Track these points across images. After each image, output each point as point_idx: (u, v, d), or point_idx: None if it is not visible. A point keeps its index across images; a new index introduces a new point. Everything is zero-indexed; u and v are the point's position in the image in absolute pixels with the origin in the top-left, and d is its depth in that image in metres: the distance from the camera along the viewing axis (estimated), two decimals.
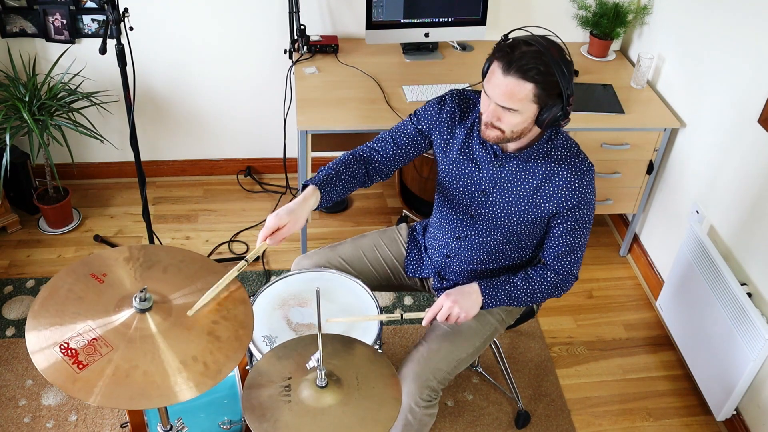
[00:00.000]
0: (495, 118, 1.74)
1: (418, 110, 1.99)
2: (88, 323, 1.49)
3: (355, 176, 1.92)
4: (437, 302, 1.88)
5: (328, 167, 1.89)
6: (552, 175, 1.83)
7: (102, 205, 3.39)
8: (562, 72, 1.65)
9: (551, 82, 1.65)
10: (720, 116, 2.64)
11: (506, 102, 1.69)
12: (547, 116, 1.70)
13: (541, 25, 3.30)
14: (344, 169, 1.90)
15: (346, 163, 1.92)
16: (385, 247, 2.24)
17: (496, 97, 1.70)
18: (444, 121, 1.94)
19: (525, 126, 1.73)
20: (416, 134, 1.97)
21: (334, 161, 1.92)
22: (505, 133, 1.75)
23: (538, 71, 1.64)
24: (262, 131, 3.49)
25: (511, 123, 1.73)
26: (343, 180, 1.89)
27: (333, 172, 1.87)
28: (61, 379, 1.39)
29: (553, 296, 1.95)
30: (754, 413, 2.43)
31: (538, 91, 1.66)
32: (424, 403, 1.90)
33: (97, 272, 1.61)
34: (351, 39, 3.23)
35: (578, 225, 1.86)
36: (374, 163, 1.96)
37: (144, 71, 3.20)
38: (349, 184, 1.90)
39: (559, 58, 1.66)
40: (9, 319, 2.77)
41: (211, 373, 1.45)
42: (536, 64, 1.64)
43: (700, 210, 2.73)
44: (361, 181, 1.95)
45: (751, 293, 2.40)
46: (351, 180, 1.91)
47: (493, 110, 1.73)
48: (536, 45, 1.66)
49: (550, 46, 1.67)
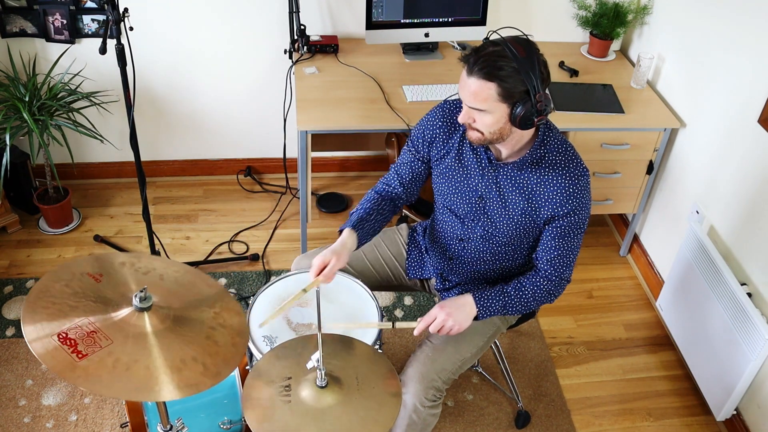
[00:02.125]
0: (470, 119, 1.76)
1: (412, 134, 2.02)
2: (86, 318, 1.49)
3: (386, 210, 2.04)
4: (430, 313, 1.89)
5: (357, 211, 2.01)
6: (546, 181, 1.83)
7: (102, 205, 3.39)
8: (526, 70, 1.66)
9: (514, 80, 1.66)
10: (720, 116, 2.64)
11: (473, 102, 1.71)
12: (518, 114, 1.70)
13: (541, 25, 3.31)
14: (373, 208, 2.01)
15: (371, 201, 2.03)
16: (386, 248, 2.24)
17: (465, 99, 1.74)
18: (439, 135, 1.95)
19: (500, 126, 1.74)
20: (415, 162, 2.02)
21: (361, 202, 2.04)
22: (485, 135, 1.77)
23: (499, 69, 1.65)
24: (262, 131, 3.49)
25: (485, 123, 1.74)
26: (374, 216, 2.01)
27: (364, 215, 1.99)
28: (59, 367, 1.39)
29: (546, 302, 1.97)
30: (754, 413, 2.43)
31: (501, 90, 1.67)
32: (428, 403, 1.91)
33: (93, 272, 1.61)
34: (351, 39, 3.23)
35: (572, 230, 1.86)
36: (392, 197, 2.07)
37: (144, 71, 3.20)
38: (381, 218, 2.02)
39: (525, 56, 1.66)
40: (9, 319, 2.77)
41: (210, 374, 1.46)
42: (497, 62, 1.65)
43: (700, 210, 2.73)
44: (391, 212, 2.07)
45: (751, 293, 2.40)
46: (382, 214, 2.03)
47: (466, 112, 1.76)
48: (501, 45, 1.67)
49: (517, 45, 1.67)
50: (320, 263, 1.82)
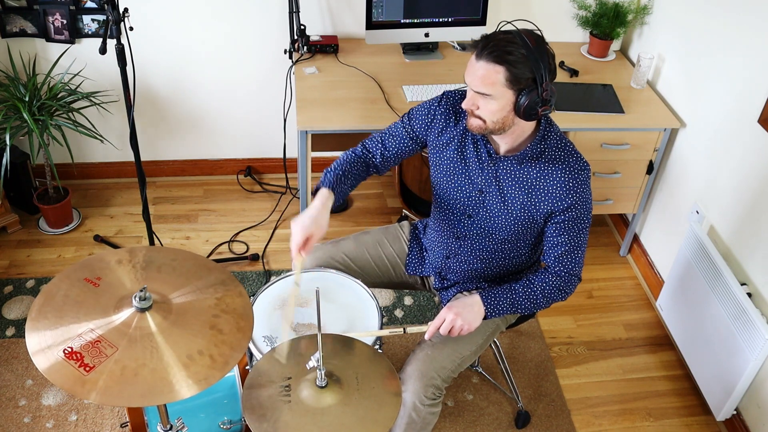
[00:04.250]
0: (474, 106, 1.77)
1: (412, 111, 2.02)
2: (88, 325, 1.49)
3: (359, 174, 2.02)
4: (440, 315, 1.89)
5: (335, 168, 1.97)
6: (546, 175, 1.83)
7: (102, 205, 3.39)
8: (535, 58, 1.67)
9: (523, 66, 1.67)
10: (720, 116, 2.64)
11: (480, 87, 1.72)
12: (523, 102, 1.70)
13: (541, 25, 3.30)
14: (349, 169, 1.99)
15: (350, 162, 2.01)
16: (388, 244, 2.24)
17: (471, 83, 1.74)
18: (438, 123, 1.95)
19: (504, 115, 1.74)
20: (405, 138, 2.02)
21: (339, 162, 2.01)
22: (487, 123, 1.77)
23: (509, 54, 1.66)
24: (262, 131, 3.49)
25: (489, 110, 1.74)
26: (350, 179, 1.99)
27: (341, 173, 1.96)
28: (69, 384, 1.39)
29: (558, 300, 1.94)
30: (754, 413, 2.43)
31: (509, 75, 1.68)
32: (428, 402, 1.91)
33: (91, 276, 1.61)
34: (351, 39, 3.23)
35: (576, 225, 1.86)
36: (369, 164, 2.06)
37: (144, 71, 3.20)
38: (354, 182, 2.01)
39: (534, 46, 1.68)
40: (9, 319, 2.77)
41: (218, 366, 1.46)
42: (507, 47, 1.67)
43: (700, 210, 2.73)
44: (362, 178, 2.05)
45: (751, 293, 2.40)
46: (356, 178, 2.01)
47: (471, 97, 1.77)
48: (512, 34, 1.69)
49: (528, 35, 1.69)
50: (302, 236, 1.77)
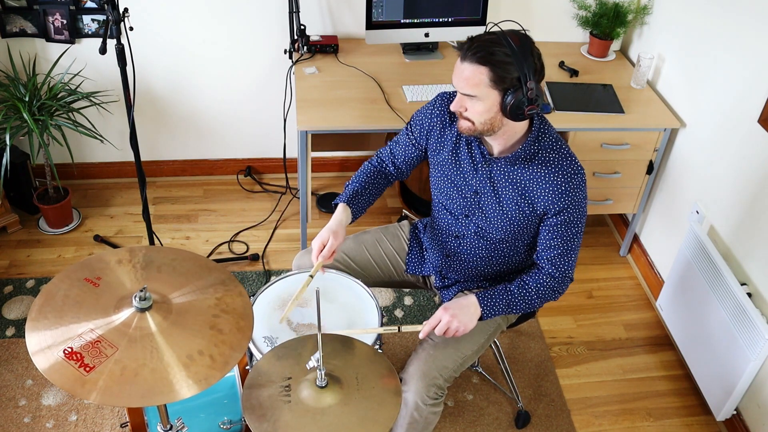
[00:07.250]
0: (462, 108, 1.78)
1: (413, 117, 2.04)
2: (88, 325, 1.49)
3: (379, 185, 2.09)
4: (435, 316, 1.89)
5: (352, 182, 2.05)
6: (539, 178, 1.83)
7: (102, 205, 3.39)
8: (519, 58, 1.67)
9: (508, 66, 1.68)
10: (720, 116, 2.64)
11: (466, 88, 1.73)
12: (509, 102, 1.70)
13: (541, 25, 3.31)
14: (366, 181, 2.07)
15: (367, 174, 2.08)
16: (388, 243, 2.25)
17: (457, 85, 1.76)
18: (436, 125, 1.97)
19: (491, 116, 1.75)
20: (409, 146, 2.05)
21: (356, 175, 2.09)
22: (475, 124, 1.78)
23: (492, 54, 1.68)
24: (262, 131, 3.49)
25: (476, 111, 1.75)
26: (369, 190, 2.06)
27: (358, 187, 2.04)
28: (69, 384, 1.39)
29: (550, 300, 1.96)
30: (754, 413, 2.43)
31: (493, 75, 1.69)
32: (430, 401, 1.91)
33: (91, 276, 1.61)
34: (351, 39, 3.23)
35: (569, 228, 1.86)
36: (386, 173, 2.12)
37: (144, 71, 3.20)
38: (375, 192, 2.10)
39: (519, 45, 1.68)
40: (9, 319, 2.77)
41: (218, 366, 1.46)
42: (491, 48, 1.68)
43: (700, 210, 2.73)
44: (384, 187, 2.13)
45: (751, 293, 2.40)
46: (376, 188, 2.09)
47: (459, 99, 1.79)
48: (496, 35, 1.70)
49: (512, 35, 1.70)
50: (319, 244, 1.92)
